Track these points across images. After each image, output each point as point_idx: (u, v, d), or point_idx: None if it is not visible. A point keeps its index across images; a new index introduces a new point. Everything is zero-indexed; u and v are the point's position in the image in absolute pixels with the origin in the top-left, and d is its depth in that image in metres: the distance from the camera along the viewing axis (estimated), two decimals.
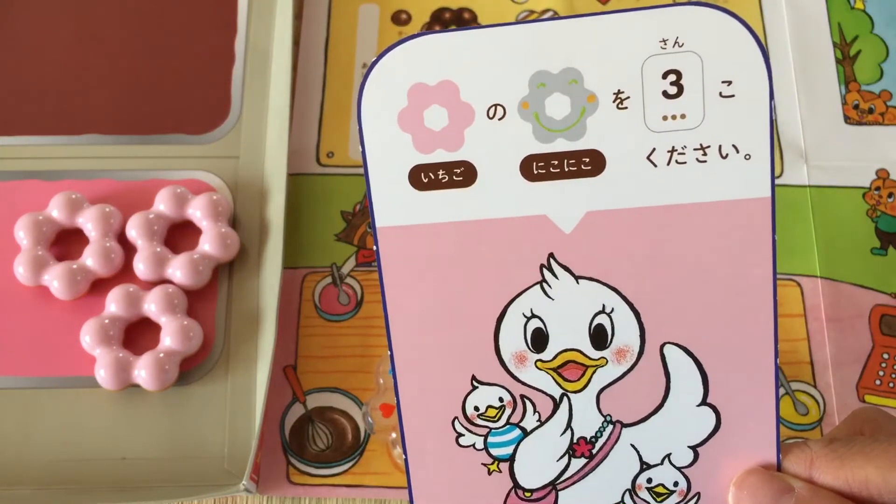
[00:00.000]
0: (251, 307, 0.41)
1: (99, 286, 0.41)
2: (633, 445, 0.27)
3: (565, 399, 0.27)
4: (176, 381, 0.39)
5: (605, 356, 0.26)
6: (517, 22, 0.25)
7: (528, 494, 0.27)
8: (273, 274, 0.40)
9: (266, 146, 0.44)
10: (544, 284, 0.26)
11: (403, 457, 0.27)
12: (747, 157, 0.25)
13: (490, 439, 0.27)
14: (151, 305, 0.39)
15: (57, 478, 0.38)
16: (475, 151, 0.25)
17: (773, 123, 0.25)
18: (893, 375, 0.40)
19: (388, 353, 0.26)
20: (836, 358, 0.41)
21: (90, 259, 0.40)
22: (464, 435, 0.27)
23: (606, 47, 0.24)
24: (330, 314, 0.42)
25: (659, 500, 0.27)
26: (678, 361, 0.26)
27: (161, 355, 0.39)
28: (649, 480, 0.27)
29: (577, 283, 0.26)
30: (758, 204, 0.25)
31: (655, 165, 0.25)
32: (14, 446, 0.38)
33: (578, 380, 0.26)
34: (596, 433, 0.27)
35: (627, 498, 0.27)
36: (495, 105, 0.25)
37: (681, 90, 0.25)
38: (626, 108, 0.25)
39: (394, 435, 0.38)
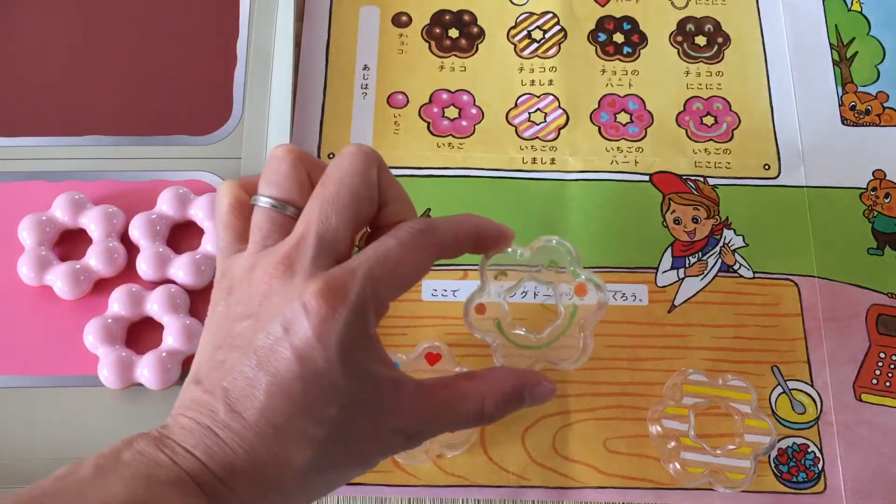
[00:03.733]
0: None
1: (102, 286, 0.41)
2: None
3: None
4: (178, 380, 0.39)
5: None
6: None
7: None
8: None
9: (268, 147, 0.44)
10: None
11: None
12: None
13: None
14: (154, 305, 0.40)
15: None
16: None
17: None
18: (890, 374, 0.41)
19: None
20: (833, 357, 0.41)
21: (93, 259, 0.40)
22: None
23: None
24: None
25: None
26: None
27: (163, 354, 0.39)
28: None
29: None
30: None
31: None
32: (17, 445, 0.39)
33: None
34: None
35: None
36: None
37: None
38: None
39: None
